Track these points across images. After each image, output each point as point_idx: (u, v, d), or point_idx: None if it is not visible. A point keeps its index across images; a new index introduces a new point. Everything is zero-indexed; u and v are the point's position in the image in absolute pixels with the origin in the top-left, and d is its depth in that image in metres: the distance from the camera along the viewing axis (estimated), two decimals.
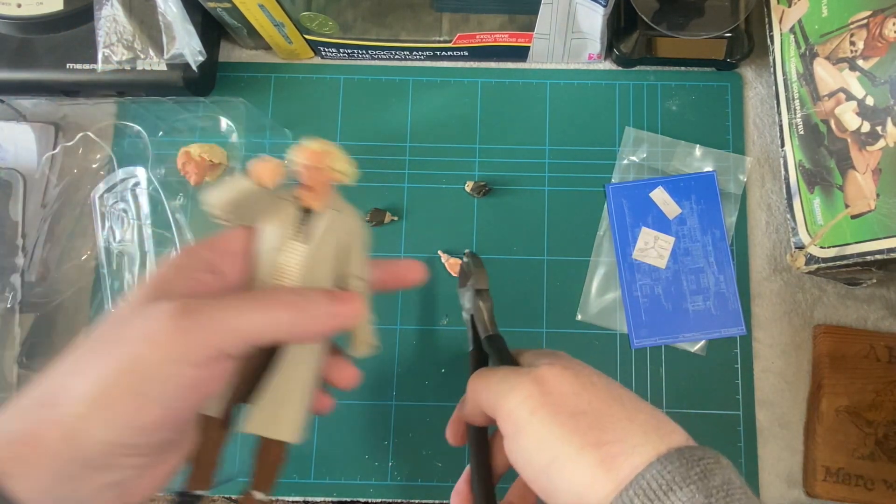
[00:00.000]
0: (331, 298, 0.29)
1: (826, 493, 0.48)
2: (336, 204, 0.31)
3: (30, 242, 0.52)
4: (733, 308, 0.51)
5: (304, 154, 0.29)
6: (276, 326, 0.28)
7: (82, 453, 0.26)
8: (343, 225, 0.31)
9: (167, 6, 0.48)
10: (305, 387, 0.31)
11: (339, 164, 0.30)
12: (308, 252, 0.30)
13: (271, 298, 0.28)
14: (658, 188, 0.53)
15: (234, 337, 0.27)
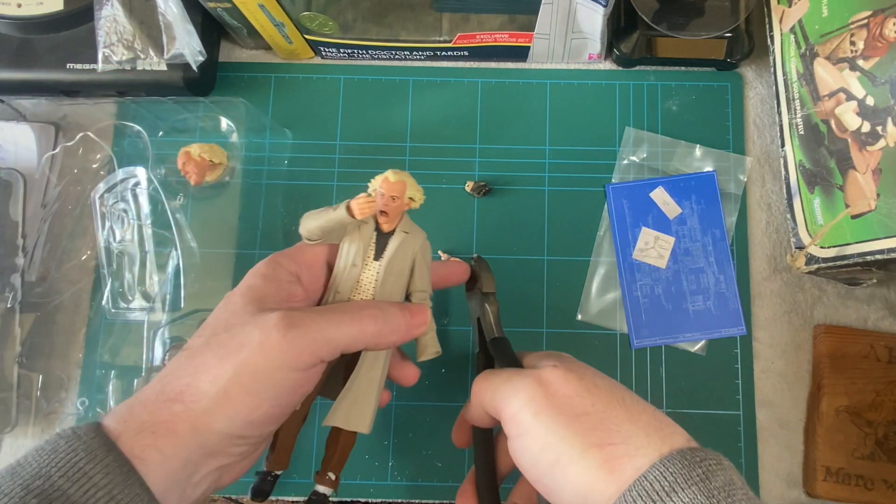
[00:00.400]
0: (405, 311, 0.34)
1: (826, 493, 0.48)
2: (406, 226, 0.35)
3: (30, 242, 0.52)
4: (733, 308, 0.51)
5: (386, 185, 0.34)
6: (364, 336, 0.33)
7: (205, 442, 0.30)
8: (411, 245, 0.35)
9: (167, 6, 0.48)
10: (378, 386, 0.35)
11: (413, 192, 0.34)
12: (383, 269, 0.35)
13: (359, 312, 0.33)
14: (658, 188, 0.53)
15: (330, 345, 0.32)
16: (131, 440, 0.29)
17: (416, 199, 0.35)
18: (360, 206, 0.32)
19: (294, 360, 0.31)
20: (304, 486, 0.50)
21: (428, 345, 0.37)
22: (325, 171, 0.55)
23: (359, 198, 0.33)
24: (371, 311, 0.33)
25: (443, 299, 0.52)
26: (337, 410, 0.35)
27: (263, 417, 0.31)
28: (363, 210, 0.33)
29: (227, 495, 0.82)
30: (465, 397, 0.51)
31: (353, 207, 0.33)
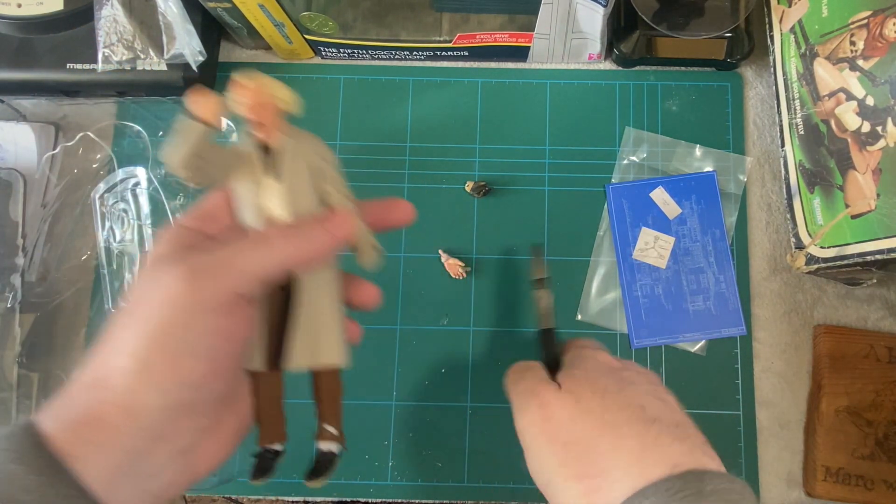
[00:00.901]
0: (321, 219, 0.31)
1: (826, 493, 0.48)
2: (290, 132, 0.31)
3: (30, 242, 0.52)
4: (733, 308, 0.51)
5: (244, 93, 0.29)
6: (280, 258, 0.29)
7: (145, 424, 0.27)
8: (305, 149, 0.31)
9: (167, 6, 0.48)
10: (331, 311, 0.32)
11: (278, 92, 0.30)
12: (284, 186, 0.31)
13: (268, 234, 0.30)
14: (658, 188, 0.53)
15: (243, 277, 0.28)
16: (63, 437, 0.26)
17: (284, 99, 0.31)
18: (197, 101, 0.28)
19: (208, 303, 0.27)
20: (304, 486, 0.50)
21: (363, 245, 0.33)
22: None
23: (192, 93, 0.28)
24: (283, 230, 0.30)
25: (442, 299, 0.52)
26: (293, 349, 0.31)
27: (200, 377, 0.28)
28: (204, 109, 0.28)
29: (227, 495, 0.82)
30: (464, 397, 0.51)
31: (191, 106, 0.28)
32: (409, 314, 0.52)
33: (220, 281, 0.28)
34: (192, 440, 0.29)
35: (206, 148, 0.29)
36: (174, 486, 0.29)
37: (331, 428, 0.33)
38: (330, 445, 0.32)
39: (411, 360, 0.52)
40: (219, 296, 0.28)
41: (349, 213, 0.32)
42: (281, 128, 0.31)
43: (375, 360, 0.52)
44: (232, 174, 0.31)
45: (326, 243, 0.31)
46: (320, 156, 0.32)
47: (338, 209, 0.32)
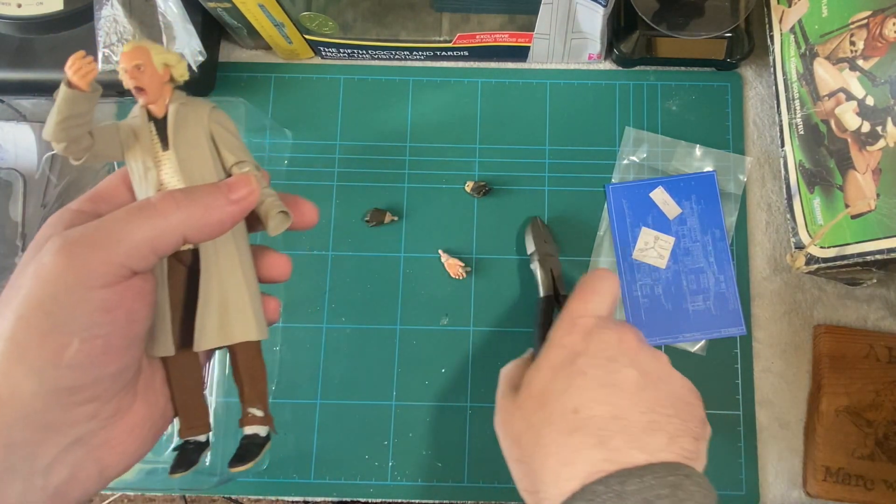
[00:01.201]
0: (218, 185, 0.29)
1: (826, 493, 0.48)
2: (179, 99, 0.30)
3: (30, 242, 0.52)
4: (733, 308, 0.51)
5: (124, 57, 0.28)
6: (173, 227, 0.27)
7: (21, 411, 0.24)
8: (196, 115, 0.30)
9: (167, 6, 0.48)
10: (241, 284, 0.30)
11: (158, 57, 0.29)
12: (177, 155, 0.29)
13: (161, 202, 0.27)
14: (658, 188, 0.53)
15: (131, 249, 0.26)
16: None
17: (174, 65, 0.29)
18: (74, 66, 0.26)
19: (88, 278, 0.25)
20: (304, 486, 0.50)
21: (270, 211, 0.31)
22: (325, 171, 0.55)
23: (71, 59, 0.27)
24: (176, 197, 0.27)
25: (442, 299, 0.52)
26: (202, 328, 0.29)
27: (84, 356, 0.25)
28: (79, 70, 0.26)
29: (227, 495, 0.82)
30: (464, 397, 0.51)
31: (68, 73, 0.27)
32: (409, 314, 0.52)
33: (102, 253, 0.25)
34: (88, 429, 0.26)
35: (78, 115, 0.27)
36: (78, 482, 0.27)
37: (255, 410, 0.31)
38: (256, 429, 0.31)
39: (411, 360, 0.52)
40: (101, 269, 0.25)
41: (249, 178, 0.30)
42: (166, 95, 0.29)
43: (375, 360, 0.52)
44: (126, 151, 0.29)
45: (224, 210, 0.28)
46: (218, 123, 0.30)
47: (237, 176, 0.30)
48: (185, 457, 0.30)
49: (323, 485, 0.50)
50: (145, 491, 0.50)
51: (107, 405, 0.27)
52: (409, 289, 0.53)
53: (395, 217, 0.53)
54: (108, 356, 0.26)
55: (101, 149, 0.28)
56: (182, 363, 0.31)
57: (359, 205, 0.54)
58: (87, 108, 0.27)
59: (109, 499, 1.07)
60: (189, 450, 0.30)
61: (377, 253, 0.53)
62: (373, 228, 0.53)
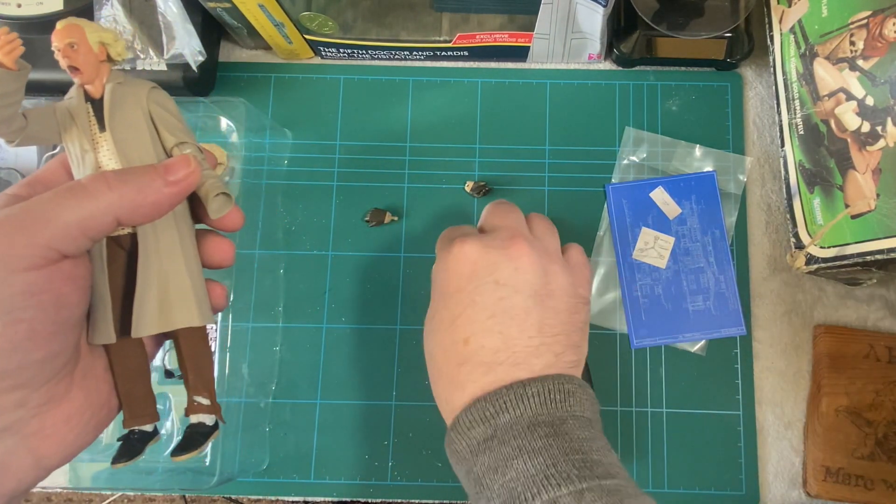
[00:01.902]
0: (155, 166, 0.28)
1: (826, 493, 0.48)
2: (116, 78, 0.29)
3: None
4: (733, 308, 0.51)
5: (57, 36, 0.27)
6: (104, 208, 0.26)
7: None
8: (134, 95, 0.29)
9: (167, 6, 0.48)
10: (182, 267, 0.29)
11: (93, 34, 0.28)
12: (113, 137, 0.28)
13: (91, 183, 0.26)
14: (658, 188, 0.53)
15: (59, 231, 0.25)
16: None
17: (110, 44, 0.28)
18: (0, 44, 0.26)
19: (13, 260, 0.24)
20: (304, 486, 0.50)
21: (210, 192, 0.30)
22: (325, 171, 0.55)
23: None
24: (109, 178, 0.26)
25: None
26: (142, 314, 0.28)
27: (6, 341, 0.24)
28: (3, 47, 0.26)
29: (227, 495, 0.82)
30: None
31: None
32: (409, 314, 0.52)
33: (27, 235, 0.24)
34: (17, 417, 0.26)
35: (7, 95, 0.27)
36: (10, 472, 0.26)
37: (201, 398, 0.30)
38: (202, 417, 0.30)
39: (411, 360, 0.52)
40: (26, 252, 0.24)
41: (188, 158, 0.29)
42: (103, 75, 0.28)
43: (375, 360, 0.52)
44: (64, 133, 0.29)
45: (160, 191, 0.27)
46: (157, 103, 0.29)
47: (176, 157, 0.29)
48: (128, 447, 0.30)
49: (323, 485, 0.50)
50: (145, 491, 0.50)
51: (36, 393, 0.26)
52: (409, 289, 0.53)
53: (395, 217, 0.53)
54: (34, 342, 0.25)
55: (36, 131, 0.28)
56: (123, 350, 0.30)
57: (359, 205, 0.54)
58: (16, 87, 0.27)
59: (109, 499, 1.07)
60: (133, 440, 0.30)
61: (377, 253, 0.53)
62: (373, 228, 0.53)
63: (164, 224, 0.29)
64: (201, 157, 0.30)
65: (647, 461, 0.50)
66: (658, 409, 0.50)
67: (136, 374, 0.30)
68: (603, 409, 0.50)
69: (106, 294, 0.29)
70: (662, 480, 0.49)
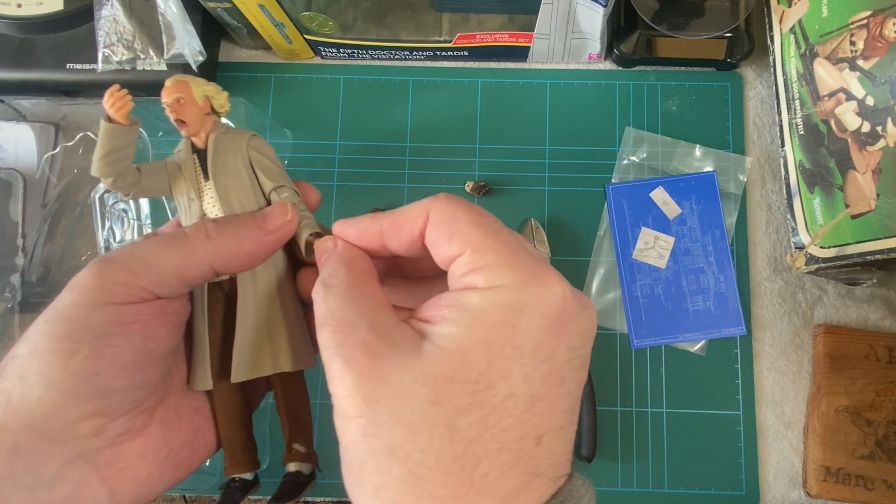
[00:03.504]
0: (254, 215, 0.28)
1: (826, 493, 0.48)
2: (219, 129, 0.30)
3: (30, 242, 0.52)
4: (733, 308, 0.51)
5: (166, 92, 0.29)
6: (200, 258, 0.27)
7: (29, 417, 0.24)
8: (234, 143, 0.30)
9: (167, 6, 0.48)
10: (277, 311, 0.29)
11: (198, 89, 0.29)
12: (216, 184, 0.29)
13: (191, 231, 0.27)
14: (658, 188, 0.53)
15: (157, 276, 0.26)
16: None
17: (215, 98, 0.30)
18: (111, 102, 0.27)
19: (113, 295, 0.25)
20: None
21: (302, 233, 0.30)
22: (325, 171, 0.55)
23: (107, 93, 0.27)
24: (201, 226, 0.27)
25: None
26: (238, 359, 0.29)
27: (91, 364, 0.25)
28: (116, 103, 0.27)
29: None
30: None
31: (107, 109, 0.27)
32: None
33: (129, 275, 0.26)
34: (93, 446, 0.26)
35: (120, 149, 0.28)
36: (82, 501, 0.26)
37: (298, 446, 0.30)
38: (299, 466, 0.30)
39: None
40: (128, 290, 0.26)
41: (286, 207, 0.29)
42: (208, 126, 0.30)
43: None
44: (173, 184, 0.30)
45: (259, 241, 0.28)
46: (256, 150, 0.30)
47: (275, 206, 0.29)
48: (229, 496, 0.29)
49: (323, 485, 0.50)
50: None
51: (114, 423, 0.26)
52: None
53: None
54: (116, 369, 0.26)
55: (149, 183, 0.29)
56: (224, 396, 0.30)
57: (359, 205, 0.54)
58: (129, 141, 0.28)
59: None
60: (234, 488, 0.30)
61: None
62: None
63: (262, 268, 0.30)
64: (298, 199, 0.31)
65: (647, 461, 0.50)
66: (658, 409, 0.50)
67: (237, 420, 0.30)
68: (603, 409, 0.50)
69: (205, 339, 0.29)
70: (662, 480, 0.49)
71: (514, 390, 0.21)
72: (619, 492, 0.49)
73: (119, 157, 0.28)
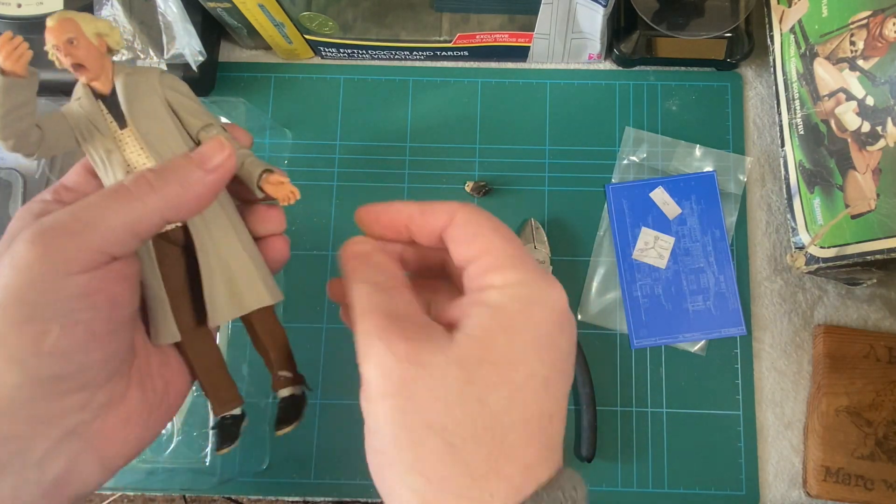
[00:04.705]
0: (190, 157, 0.27)
1: (826, 493, 0.48)
2: (122, 70, 0.27)
3: None
4: (733, 308, 0.51)
5: (52, 33, 0.25)
6: (151, 210, 0.26)
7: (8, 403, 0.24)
8: (147, 83, 0.27)
9: (167, 6, 0.48)
10: (240, 250, 0.29)
11: (89, 26, 0.26)
12: (138, 131, 0.27)
13: (133, 185, 0.26)
14: (658, 188, 0.53)
15: (108, 234, 0.25)
16: None
17: (108, 34, 0.27)
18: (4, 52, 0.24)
19: (66, 265, 0.24)
20: (304, 485, 0.50)
21: (253, 171, 0.28)
22: (325, 171, 0.55)
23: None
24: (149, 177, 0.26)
25: None
26: (214, 303, 0.28)
27: (66, 343, 0.24)
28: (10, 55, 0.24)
29: (226, 495, 0.82)
30: None
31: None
32: None
33: (78, 240, 0.24)
34: (81, 420, 0.26)
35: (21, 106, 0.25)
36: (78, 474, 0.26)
37: (284, 372, 0.30)
38: (291, 390, 0.30)
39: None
40: (78, 256, 0.24)
41: (221, 141, 0.27)
42: (108, 68, 0.27)
43: None
44: (81, 137, 0.27)
45: (202, 182, 0.27)
46: (172, 88, 0.28)
47: (209, 142, 0.27)
48: (226, 432, 0.30)
49: (323, 485, 0.50)
50: (145, 491, 0.51)
51: (97, 394, 0.26)
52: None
53: None
54: (92, 343, 0.25)
55: (53, 140, 0.27)
56: (198, 344, 0.30)
57: (359, 205, 0.54)
58: (29, 97, 0.25)
59: (109, 499, 1.07)
60: (227, 424, 0.30)
61: None
62: None
63: (212, 212, 0.29)
64: (227, 135, 0.29)
65: (647, 461, 0.50)
66: (658, 409, 0.50)
67: (215, 364, 0.30)
68: (603, 409, 0.51)
69: (162, 293, 0.28)
70: (662, 480, 0.49)
71: (534, 370, 0.24)
72: (619, 492, 0.50)
73: (20, 114, 0.25)
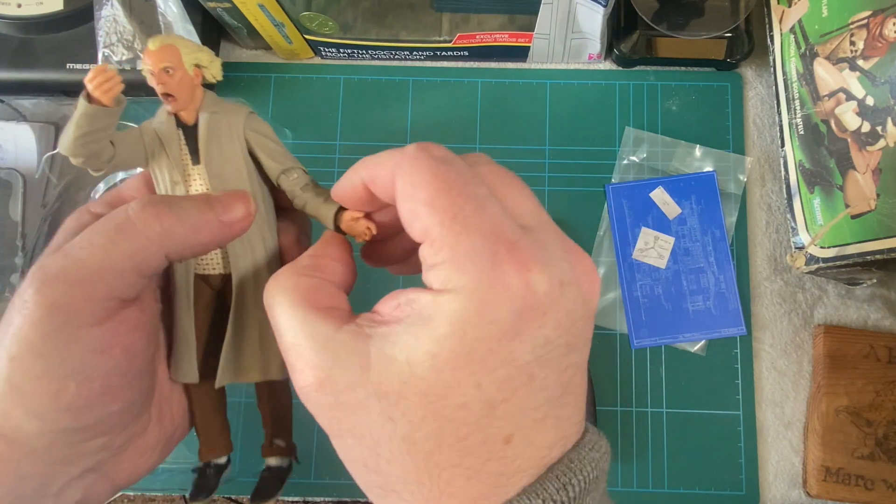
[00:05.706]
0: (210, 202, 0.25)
1: (826, 493, 0.48)
2: (210, 104, 0.27)
3: (30, 242, 0.52)
4: (733, 308, 0.51)
5: (151, 57, 0.25)
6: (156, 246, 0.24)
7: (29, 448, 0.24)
8: (229, 125, 0.27)
9: (167, 6, 0.48)
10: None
11: (189, 56, 0.25)
12: (208, 172, 0.26)
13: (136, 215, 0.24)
14: (658, 188, 0.53)
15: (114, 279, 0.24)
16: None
17: (206, 66, 0.26)
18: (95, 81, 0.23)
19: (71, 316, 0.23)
20: (304, 486, 0.50)
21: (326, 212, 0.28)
22: (326, 171, 0.55)
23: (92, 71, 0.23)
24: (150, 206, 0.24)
25: None
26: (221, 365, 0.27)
27: (83, 400, 0.24)
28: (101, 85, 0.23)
29: (226, 495, 0.82)
30: None
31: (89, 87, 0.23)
32: None
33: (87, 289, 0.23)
34: (100, 459, 0.26)
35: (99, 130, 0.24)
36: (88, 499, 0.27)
37: (280, 441, 0.29)
38: (279, 461, 0.29)
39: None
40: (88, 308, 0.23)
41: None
42: (198, 99, 0.26)
43: None
44: (151, 159, 0.27)
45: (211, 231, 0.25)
46: (255, 130, 0.27)
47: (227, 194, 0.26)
48: (204, 482, 0.29)
49: (323, 485, 0.50)
50: (145, 491, 0.50)
51: (118, 437, 0.26)
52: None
53: None
54: (109, 396, 0.25)
55: (124, 158, 0.26)
56: (204, 390, 0.29)
57: None
58: (110, 123, 0.25)
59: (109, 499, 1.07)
60: (209, 474, 0.29)
61: None
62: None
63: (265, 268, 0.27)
64: (308, 179, 0.28)
65: (647, 461, 0.50)
66: (658, 409, 0.50)
67: (214, 408, 0.30)
68: (603, 409, 0.51)
69: (191, 335, 0.28)
70: (662, 480, 0.49)
71: (467, 399, 0.20)
72: (619, 492, 0.50)
73: (96, 137, 0.24)
